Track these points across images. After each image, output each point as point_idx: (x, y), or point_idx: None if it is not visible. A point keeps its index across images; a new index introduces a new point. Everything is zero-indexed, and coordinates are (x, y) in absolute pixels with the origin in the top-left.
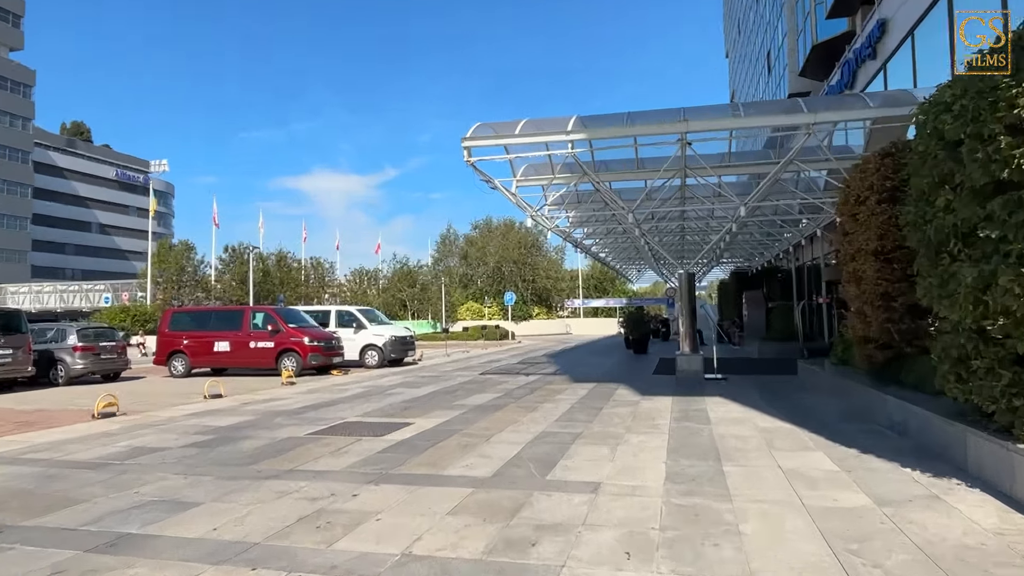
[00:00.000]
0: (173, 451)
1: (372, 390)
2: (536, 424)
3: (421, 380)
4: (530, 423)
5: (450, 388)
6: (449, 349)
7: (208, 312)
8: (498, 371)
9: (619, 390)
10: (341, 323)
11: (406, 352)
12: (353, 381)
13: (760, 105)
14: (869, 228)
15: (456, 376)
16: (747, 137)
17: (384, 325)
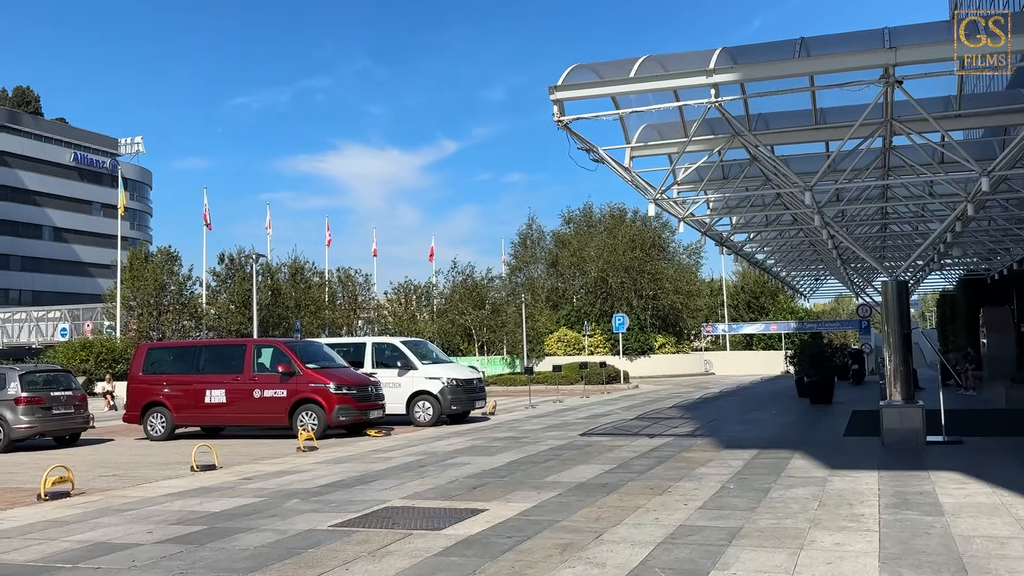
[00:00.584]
0: (145, 550)
1: (425, 459)
2: (670, 513)
3: (495, 444)
4: (661, 511)
5: (538, 456)
6: (533, 398)
7: (197, 348)
8: (607, 431)
9: (794, 460)
10: (380, 361)
11: (472, 402)
12: (398, 445)
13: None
14: None
15: (545, 438)
16: None
17: (441, 364)
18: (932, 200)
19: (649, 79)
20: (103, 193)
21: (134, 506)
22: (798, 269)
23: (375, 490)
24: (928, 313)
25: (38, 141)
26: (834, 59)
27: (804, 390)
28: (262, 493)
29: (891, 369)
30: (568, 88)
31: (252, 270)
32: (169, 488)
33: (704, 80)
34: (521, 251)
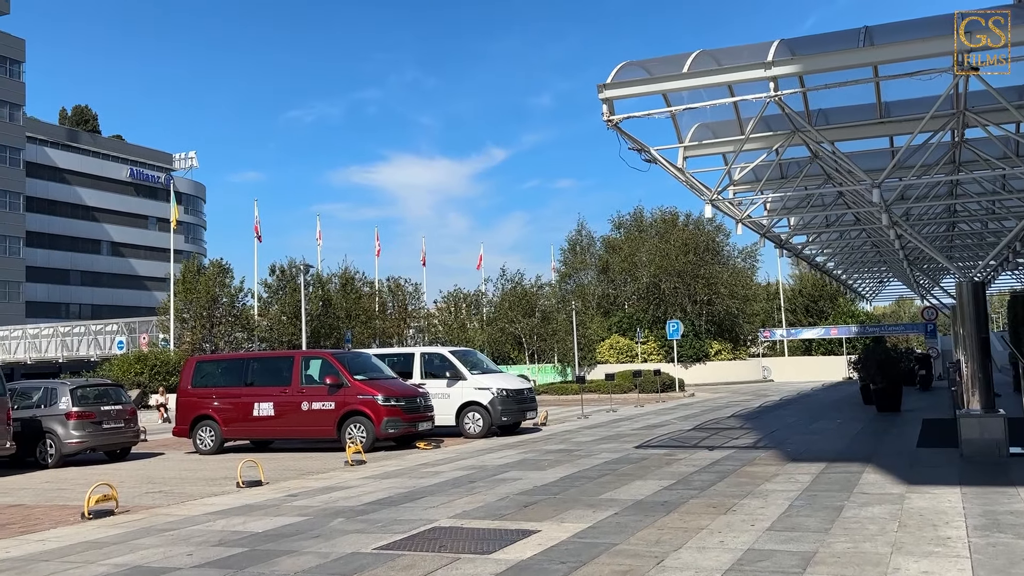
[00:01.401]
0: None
1: (476, 473)
2: (736, 535)
3: (547, 457)
4: (726, 533)
5: (592, 471)
6: (586, 407)
7: (245, 361)
8: (663, 443)
9: (866, 475)
10: (429, 371)
11: (523, 413)
12: (447, 458)
13: None
14: None
15: (599, 451)
16: None
17: (490, 374)
18: (1008, 196)
19: (702, 74)
20: (158, 207)
21: (176, 525)
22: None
23: (422, 508)
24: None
25: (96, 158)
26: (901, 47)
27: (870, 397)
28: (307, 511)
29: (968, 376)
30: (617, 86)
31: (301, 281)
32: (214, 506)
33: (762, 73)
34: (571, 257)
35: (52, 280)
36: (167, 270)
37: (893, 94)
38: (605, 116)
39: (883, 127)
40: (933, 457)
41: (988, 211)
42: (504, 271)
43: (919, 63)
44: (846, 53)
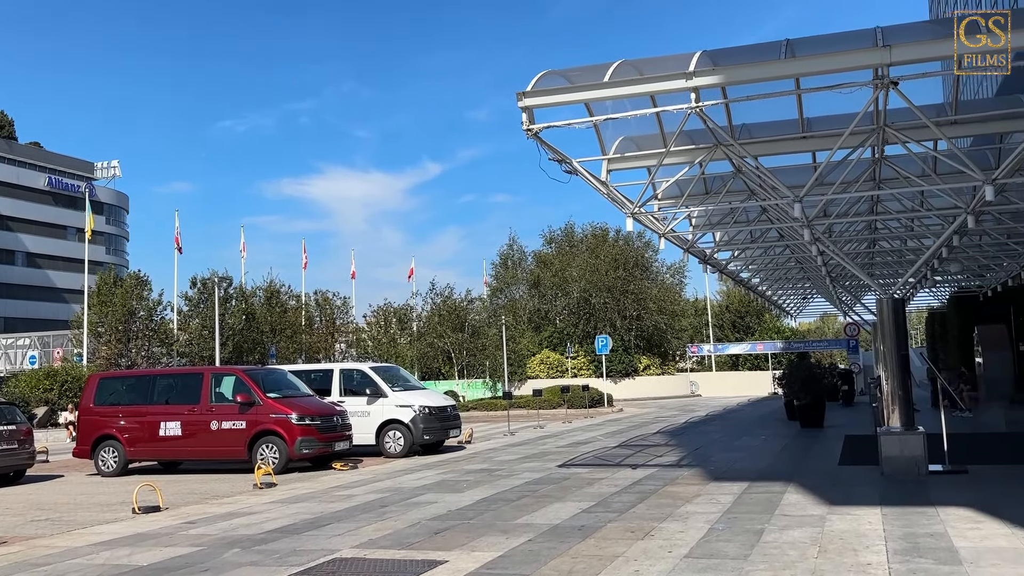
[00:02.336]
0: None
1: (389, 496)
2: (652, 563)
3: (467, 478)
4: (642, 561)
5: (511, 492)
6: (513, 424)
7: (151, 377)
8: (587, 461)
9: (788, 495)
10: (349, 388)
11: (446, 431)
12: (362, 480)
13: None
14: None
15: (521, 470)
16: None
17: (413, 390)
18: (926, 213)
19: (624, 84)
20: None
21: (54, 559)
22: (784, 287)
23: (326, 536)
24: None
25: (11, 166)
26: (822, 59)
27: (794, 413)
28: (201, 541)
29: (888, 392)
30: (537, 94)
31: (216, 294)
32: (102, 535)
33: (683, 84)
34: (502, 272)
35: None
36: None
37: (816, 110)
38: (525, 125)
39: (805, 142)
40: (855, 476)
41: (908, 229)
42: (433, 285)
43: (840, 76)
44: (767, 65)
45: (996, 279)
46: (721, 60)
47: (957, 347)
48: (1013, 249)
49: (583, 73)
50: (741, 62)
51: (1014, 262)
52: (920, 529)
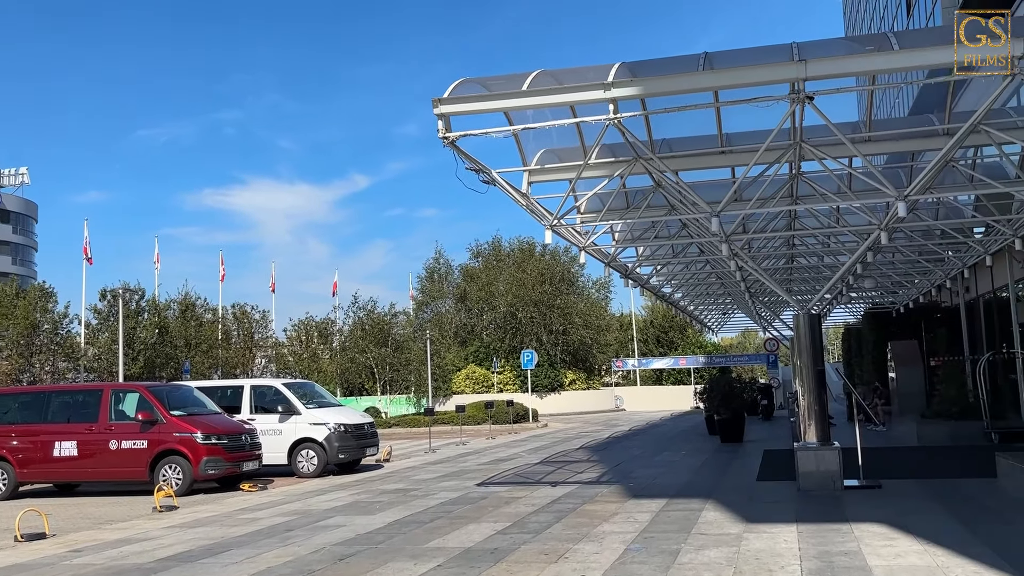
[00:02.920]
0: None
1: (296, 520)
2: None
3: (381, 499)
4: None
5: (425, 513)
6: (436, 440)
7: (46, 394)
8: (507, 479)
9: (706, 513)
10: (261, 406)
11: (363, 450)
12: (271, 502)
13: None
14: None
15: (438, 490)
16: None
17: (327, 408)
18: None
19: (542, 93)
20: None
21: None
22: (705, 303)
23: (222, 565)
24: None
25: None
26: (739, 72)
27: (714, 428)
28: (84, 572)
29: (804, 408)
30: (454, 101)
31: (120, 307)
32: None
33: (601, 95)
34: (428, 286)
35: None
36: None
37: (737, 125)
38: (441, 132)
39: (725, 157)
40: (772, 491)
41: (824, 245)
42: (356, 298)
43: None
44: (685, 77)
45: (908, 296)
46: (640, 72)
47: (871, 362)
48: (924, 267)
49: (502, 82)
50: (660, 73)
51: (925, 279)
52: (835, 547)
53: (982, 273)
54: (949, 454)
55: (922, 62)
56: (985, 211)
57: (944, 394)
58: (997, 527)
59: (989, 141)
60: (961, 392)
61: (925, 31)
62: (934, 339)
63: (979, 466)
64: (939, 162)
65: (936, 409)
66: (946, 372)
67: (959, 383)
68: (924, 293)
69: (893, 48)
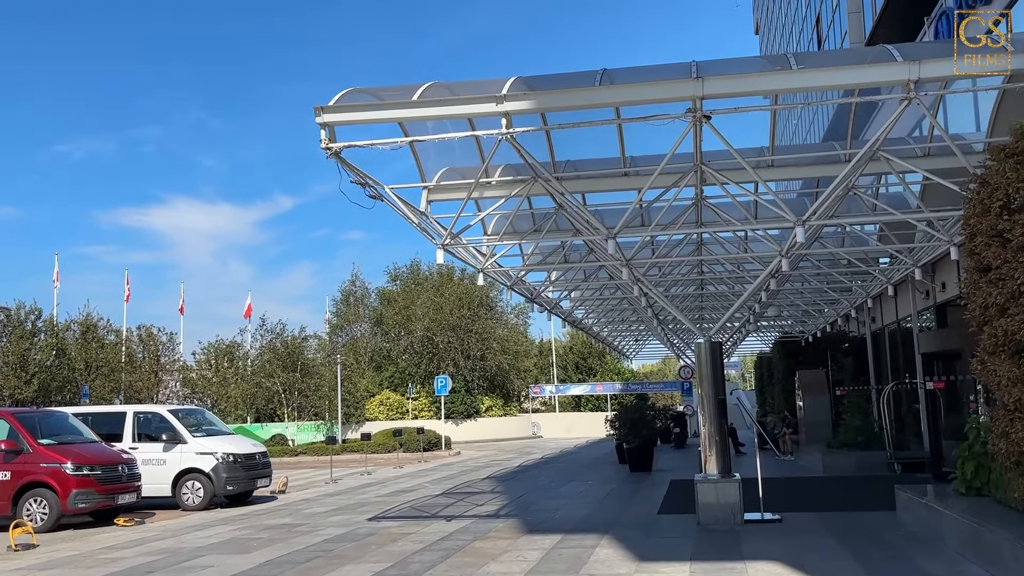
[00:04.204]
0: None
1: (161, 560)
2: None
3: (261, 535)
4: None
5: (303, 552)
6: (343, 469)
7: None
8: (402, 513)
9: (600, 549)
10: (145, 433)
11: (253, 481)
12: (141, 539)
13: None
14: None
15: (326, 525)
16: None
17: (216, 436)
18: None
19: (433, 104)
20: None
21: None
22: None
23: None
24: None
25: None
26: (636, 88)
27: (624, 456)
28: None
29: (706, 438)
30: (339, 110)
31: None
32: None
33: (493, 108)
34: (343, 309)
35: None
36: None
37: (642, 148)
38: (324, 143)
39: (628, 180)
40: (671, 525)
41: (733, 274)
42: (264, 321)
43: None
44: (582, 92)
45: (817, 325)
46: (538, 86)
47: (781, 391)
48: (831, 296)
49: (393, 92)
50: (555, 87)
51: (833, 309)
52: None
53: (887, 303)
54: (853, 485)
55: (822, 82)
56: (888, 241)
57: (849, 424)
58: (894, 564)
59: (890, 169)
60: (866, 422)
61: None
62: (841, 368)
63: (880, 498)
64: (837, 188)
65: (841, 439)
66: (852, 402)
67: (864, 413)
68: (832, 323)
69: (792, 68)
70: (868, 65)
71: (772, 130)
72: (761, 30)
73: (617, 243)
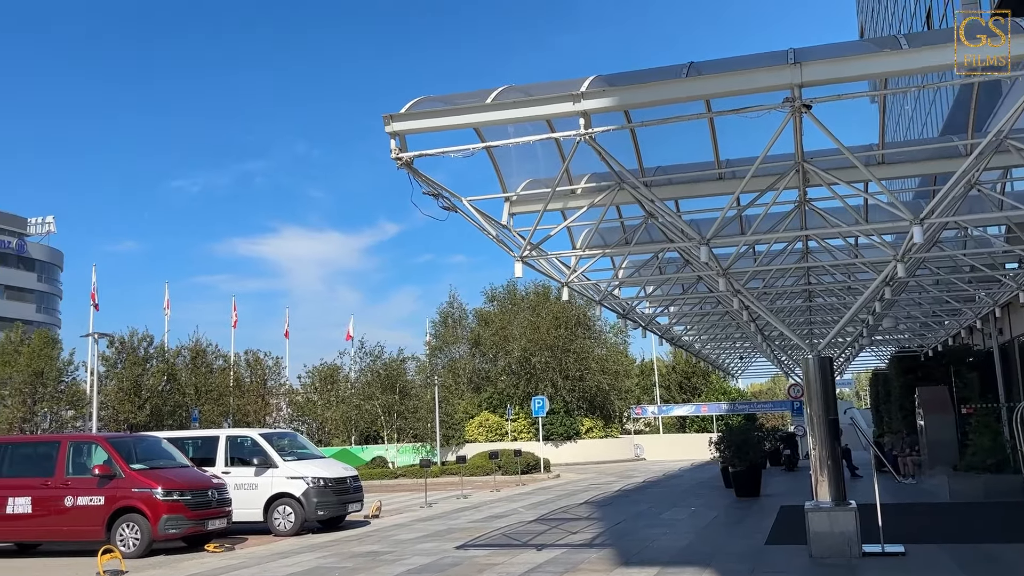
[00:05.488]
0: None
1: None
2: None
3: (345, 564)
4: None
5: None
6: (440, 493)
7: (4, 446)
8: (492, 541)
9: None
10: (238, 457)
11: (344, 505)
12: (229, 566)
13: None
14: None
15: (412, 553)
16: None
17: (307, 460)
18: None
19: (506, 107)
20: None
21: None
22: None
23: None
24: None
25: None
26: (729, 78)
27: (730, 480)
28: None
29: (816, 461)
30: (410, 118)
31: (93, 351)
32: None
33: (571, 107)
34: (442, 330)
35: None
36: None
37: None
38: (394, 153)
39: (722, 184)
40: (780, 558)
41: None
42: (363, 344)
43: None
44: (669, 84)
45: (937, 338)
46: (619, 82)
47: (899, 410)
48: (953, 307)
49: (465, 97)
50: (638, 82)
51: (955, 320)
52: None
53: (1016, 313)
54: (983, 513)
55: (935, 62)
56: (1017, 242)
57: (977, 445)
58: None
59: (1020, 160)
60: (996, 442)
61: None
62: (965, 385)
63: (1015, 527)
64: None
65: (969, 461)
66: (979, 421)
67: (994, 433)
68: (954, 335)
69: (902, 48)
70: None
71: (881, 121)
72: (865, 33)
73: (711, 250)
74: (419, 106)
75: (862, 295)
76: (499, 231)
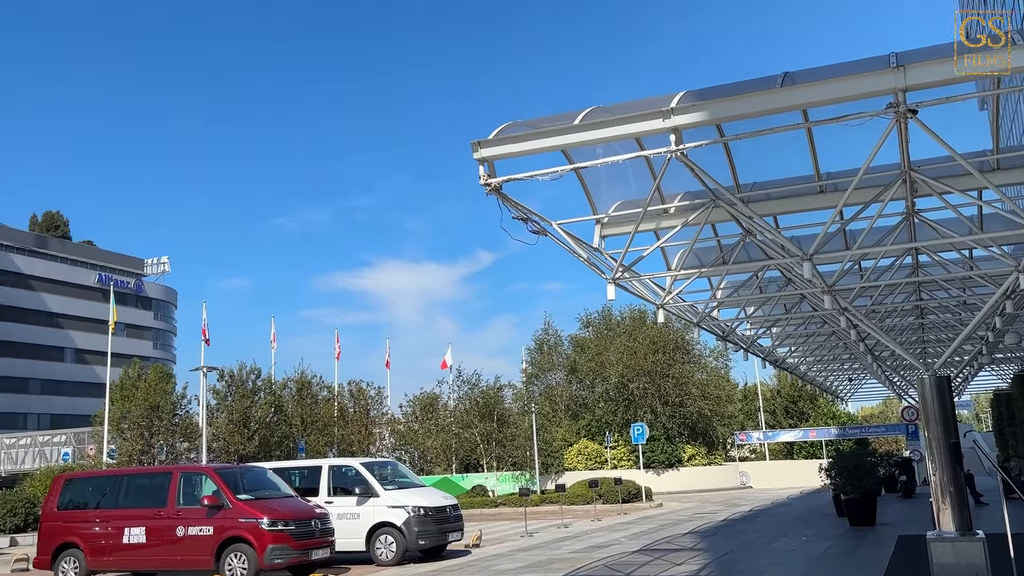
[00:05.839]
0: None
1: None
2: None
3: None
4: None
5: None
6: (540, 522)
7: (119, 478)
8: (594, 572)
9: None
10: (340, 487)
11: (444, 535)
12: None
13: None
14: None
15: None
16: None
17: (408, 489)
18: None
19: (594, 127)
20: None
21: None
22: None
23: None
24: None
25: (64, 264)
26: (827, 85)
27: (842, 508)
28: None
29: (938, 488)
30: (497, 143)
31: (203, 385)
32: None
33: (660, 124)
34: (537, 357)
35: (11, 390)
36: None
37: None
38: (483, 179)
39: (824, 197)
40: None
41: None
42: (460, 372)
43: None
44: (763, 95)
45: None
46: (710, 96)
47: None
48: None
49: (552, 120)
50: (730, 95)
51: None
52: None
53: None
54: None
55: None
56: None
57: None
58: None
59: None
60: None
61: None
62: None
63: None
64: None
65: None
66: None
67: None
68: None
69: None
70: None
71: (995, 124)
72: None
73: (815, 266)
74: (507, 131)
75: (980, 310)
76: (590, 254)
